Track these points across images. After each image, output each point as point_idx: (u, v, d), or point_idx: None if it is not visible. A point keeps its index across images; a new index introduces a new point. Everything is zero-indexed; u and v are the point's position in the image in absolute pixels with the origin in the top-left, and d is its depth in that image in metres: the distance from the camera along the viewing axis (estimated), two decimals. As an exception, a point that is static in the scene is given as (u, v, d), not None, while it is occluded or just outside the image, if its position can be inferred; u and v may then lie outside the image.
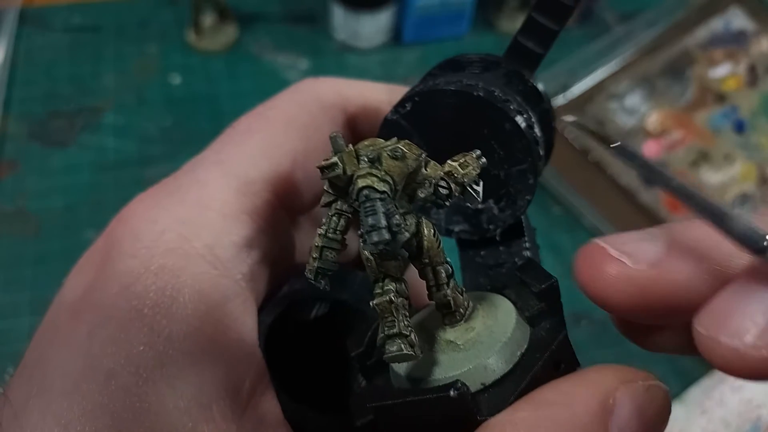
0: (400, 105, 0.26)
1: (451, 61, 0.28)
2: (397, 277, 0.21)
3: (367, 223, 0.19)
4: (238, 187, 0.26)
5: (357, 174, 0.20)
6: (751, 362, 0.16)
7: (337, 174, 0.20)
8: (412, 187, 0.21)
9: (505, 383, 0.21)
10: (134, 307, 0.23)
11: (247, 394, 0.24)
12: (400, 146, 0.20)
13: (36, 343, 0.24)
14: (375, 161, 0.20)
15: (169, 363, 0.22)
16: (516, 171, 0.26)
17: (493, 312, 0.23)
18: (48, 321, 0.25)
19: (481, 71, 0.27)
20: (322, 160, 0.20)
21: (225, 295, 0.25)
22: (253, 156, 0.27)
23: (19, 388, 0.23)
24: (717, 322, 0.17)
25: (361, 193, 0.19)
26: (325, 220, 0.21)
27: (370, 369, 0.24)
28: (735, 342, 0.17)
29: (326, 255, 0.21)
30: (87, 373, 0.22)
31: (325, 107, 0.29)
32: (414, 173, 0.20)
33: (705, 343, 0.17)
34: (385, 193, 0.19)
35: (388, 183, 0.20)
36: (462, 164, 0.22)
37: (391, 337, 0.20)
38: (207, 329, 0.23)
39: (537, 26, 0.26)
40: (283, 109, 0.29)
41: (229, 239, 0.25)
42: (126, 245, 0.25)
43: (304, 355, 0.31)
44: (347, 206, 0.21)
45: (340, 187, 0.20)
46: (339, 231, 0.21)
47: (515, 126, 0.25)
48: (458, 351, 0.22)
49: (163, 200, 0.26)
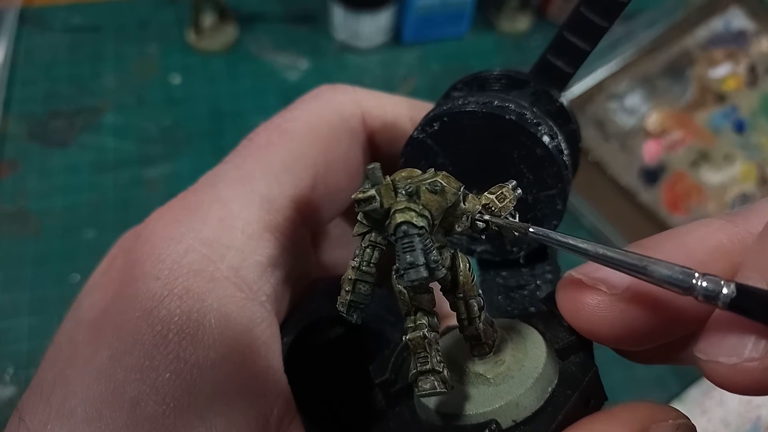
0: (428, 124, 0.25)
1: (477, 77, 0.27)
2: (429, 311, 0.20)
3: (405, 260, 0.18)
4: (261, 205, 0.25)
5: (395, 208, 0.19)
6: (752, 375, 0.17)
7: (374, 208, 0.19)
8: (449, 220, 0.20)
9: (536, 420, 0.20)
10: (159, 333, 0.22)
11: (275, 424, 0.23)
12: (439, 180, 0.19)
13: (52, 361, 0.23)
14: (413, 195, 0.19)
15: (197, 392, 0.22)
16: (544, 196, 0.25)
17: (522, 344, 0.22)
18: (64, 339, 0.24)
19: (508, 89, 0.26)
20: (359, 193, 0.19)
21: (251, 319, 0.24)
22: (276, 173, 0.26)
23: (35, 410, 0.22)
24: (714, 346, 0.18)
25: (399, 228, 0.19)
26: (357, 252, 0.21)
27: (394, 395, 0.24)
28: (733, 360, 0.17)
29: (359, 288, 0.21)
30: (111, 400, 0.21)
31: (345, 119, 0.29)
32: (452, 207, 0.20)
33: (707, 367, 0.18)
34: (424, 229, 0.19)
35: (426, 218, 0.19)
36: (499, 197, 0.21)
37: (424, 373, 0.20)
38: (235, 357, 0.23)
39: (568, 45, 0.26)
40: (303, 121, 0.28)
41: (254, 259, 0.25)
42: (148, 265, 0.24)
43: (322, 376, 0.30)
44: (381, 238, 0.20)
45: (375, 219, 0.20)
46: (373, 264, 0.21)
47: (547, 152, 0.24)
48: (488, 385, 0.21)
49: (184, 218, 0.25)
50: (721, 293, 0.17)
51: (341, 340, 0.30)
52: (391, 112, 0.30)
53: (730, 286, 0.17)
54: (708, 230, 0.19)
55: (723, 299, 0.17)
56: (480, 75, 0.27)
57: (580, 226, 0.76)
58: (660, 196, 0.78)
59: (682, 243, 0.19)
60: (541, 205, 0.25)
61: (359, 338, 0.29)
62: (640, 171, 0.79)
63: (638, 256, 0.18)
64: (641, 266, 0.18)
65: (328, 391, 0.30)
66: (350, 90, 0.30)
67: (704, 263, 0.19)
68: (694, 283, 0.17)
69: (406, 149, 0.26)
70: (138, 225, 0.27)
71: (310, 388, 0.27)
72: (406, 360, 0.24)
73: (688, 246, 0.19)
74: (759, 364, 0.17)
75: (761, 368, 0.17)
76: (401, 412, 0.23)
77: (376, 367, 0.24)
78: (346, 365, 0.30)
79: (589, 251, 0.19)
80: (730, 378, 0.17)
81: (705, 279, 0.17)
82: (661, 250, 0.19)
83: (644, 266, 0.18)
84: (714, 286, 0.17)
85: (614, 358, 0.24)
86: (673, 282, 0.17)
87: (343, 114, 0.29)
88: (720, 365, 0.17)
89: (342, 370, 0.30)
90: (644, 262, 0.18)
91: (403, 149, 0.26)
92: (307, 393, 0.26)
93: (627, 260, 0.18)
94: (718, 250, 0.19)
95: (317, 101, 0.29)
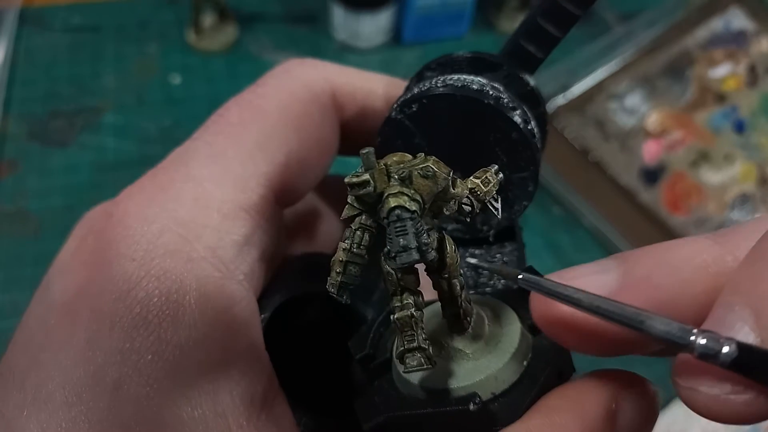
0: (406, 105, 0.26)
1: (450, 58, 0.28)
2: (414, 290, 0.21)
3: (397, 243, 0.19)
4: (235, 184, 0.26)
5: (388, 192, 0.20)
6: (734, 407, 0.16)
7: (368, 192, 0.20)
8: (438, 204, 0.21)
9: (513, 393, 0.21)
10: (138, 314, 0.22)
11: (260, 400, 0.23)
12: (431, 165, 0.20)
13: (22, 345, 0.23)
14: (405, 179, 0.20)
15: (181, 373, 0.21)
16: (517, 178, 0.26)
17: (497, 321, 0.23)
18: (34, 322, 0.24)
19: (481, 71, 0.27)
20: (353, 177, 0.20)
21: (231, 298, 0.24)
22: (249, 151, 0.26)
23: (7, 396, 0.22)
24: (695, 373, 0.17)
25: (392, 212, 0.19)
26: (348, 234, 0.21)
27: (373, 369, 0.24)
28: (715, 391, 0.17)
29: (350, 270, 0.21)
30: (91, 384, 0.21)
31: (316, 94, 0.29)
32: (442, 192, 0.20)
33: (685, 394, 0.17)
34: (416, 213, 0.19)
35: (418, 202, 0.20)
36: (484, 181, 0.22)
37: (411, 350, 0.20)
38: (216, 336, 0.23)
39: (540, 31, 0.26)
40: (274, 97, 0.28)
41: (231, 239, 0.25)
42: (122, 247, 0.23)
43: (301, 352, 0.30)
44: (372, 221, 0.21)
45: (367, 202, 0.20)
46: (363, 246, 0.21)
47: (521, 136, 0.25)
48: (468, 360, 0.22)
49: (157, 197, 0.25)
50: (720, 353, 0.16)
51: (317, 316, 0.30)
52: (360, 87, 0.30)
53: (731, 345, 0.16)
54: (694, 248, 0.19)
55: (723, 358, 0.16)
56: (453, 56, 0.28)
57: (580, 226, 0.76)
58: (660, 196, 0.78)
59: (668, 260, 0.19)
60: (513, 186, 0.26)
61: (334, 314, 0.30)
62: (640, 171, 0.79)
63: (635, 311, 0.17)
64: (638, 321, 0.17)
65: (307, 366, 0.30)
66: (320, 65, 0.30)
67: (688, 282, 0.18)
68: (692, 340, 0.16)
69: (383, 129, 0.26)
70: (105, 202, 0.26)
71: (289, 364, 0.27)
72: (383, 335, 0.25)
73: (673, 263, 0.19)
74: (741, 396, 0.16)
75: (743, 401, 0.16)
76: (380, 385, 0.24)
77: (355, 342, 0.25)
78: (323, 340, 0.30)
79: (583, 302, 0.18)
80: (710, 408, 0.17)
81: (704, 336, 0.16)
82: (646, 264, 0.19)
83: (641, 321, 0.17)
84: (713, 344, 0.16)
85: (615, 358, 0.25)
86: (670, 339, 0.17)
87: (314, 90, 0.29)
88: (701, 394, 0.17)
89: (319, 345, 0.31)
90: (641, 317, 0.17)
91: (380, 129, 0.26)
92: (286, 369, 0.26)
93: (623, 314, 0.17)
94: (704, 270, 0.18)
95: (287, 76, 0.29)
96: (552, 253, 0.72)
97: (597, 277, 0.19)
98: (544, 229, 0.75)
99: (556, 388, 0.21)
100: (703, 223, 0.77)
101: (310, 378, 0.29)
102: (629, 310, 0.17)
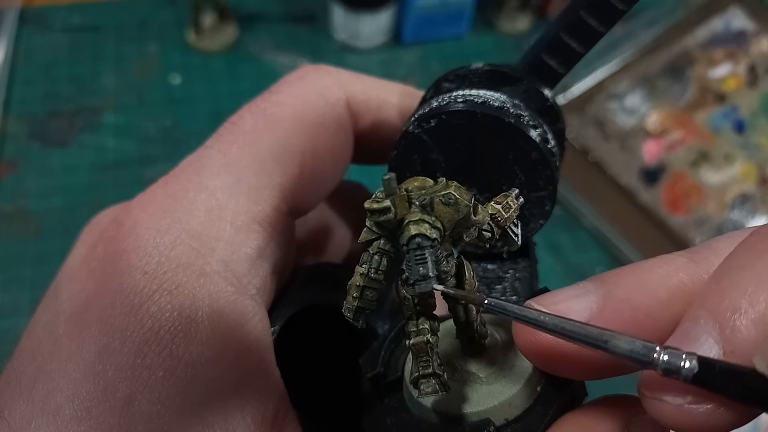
0: (424, 119, 0.25)
1: (469, 71, 0.27)
2: (430, 315, 0.21)
3: (416, 272, 0.19)
4: (249, 195, 0.25)
5: (409, 219, 0.19)
6: (698, 418, 0.17)
7: (388, 218, 0.19)
8: (458, 231, 0.21)
9: (526, 419, 0.21)
10: (150, 329, 0.21)
11: (271, 419, 0.23)
12: (453, 192, 0.20)
13: (29, 353, 0.23)
14: (427, 206, 0.19)
15: (193, 391, 0.21)
16: (535, 197, 0.26)
17: (511, 343, 0.23)
18: (42, 330, 0.23)
19: (500, 85, 0.26)
20: (373, 202, 0.19)
21: (243, 314, 0.23)
22: (263, 161, 0.26)
23: (15, 406, 0.21)
24: (659, 384, 0.17)
25: (413, 240, 0.19)
26: (365, 258, 0.21)
27: (383, 387, 0.24)
28: (678, 401, 0.17)
29: (367, 295, 0.21)
30: (101, 398, 0.21)
31: (330, 102, 0.28)
32: (463, 219, 0.20)
33: (650, 404, 0.17)
34: (436, 241, 0.19)
35: (438, 230, 0.19)
36: (504, 207, 0.22)
37: (426, 376, 0.20)
38: (228, 353, 0.22)
39: (563, 46, 0.26)
40: (289, 106, 0.27)
41: (244, 252, 0.24)
42: (133, 258, 0.23)
43: (310, 365, 0.30)
44: (390, 246, 0.21)
45: (386, 227, 0.20)
46: (381, 271, 0.21)
47: (541, 156, 0.24)
48: (481, 384, 0.22)
49: (169, 207, 0.24)
50: (682, 368, 0.16)
51: (327, 329, 0.30)
52: (375, 96, 0.30)
53: (692, 360, 0.16)
54: (670, 268, 0.19)
55: (685, 374, 0.16)
56: (471, 68, 0.27)
57: (580, 226, 0.76)
58: (660, 196, 0.78)
59: (645, 281, 0.19)
60: (530, 206, 0.26)
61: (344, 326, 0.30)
62: (640, 171, 0.79)
63: (599, 330, 0.17)
64: (602, 340, 0.17)
65: (316, 378, 0.30)
66: (334, 72, 0.29)
67: (666, 302, 0.18)
68: (655, 357, 0.17)
69: (400, 143, 0.26)
70: (115, 207, 0.26)
71: (299, 377, 0.27)
72: (395, 353, 0.25)
73: (650, 284, 0.19)
74: (703, 407, 0.17)
75: (705, 412, 0.17)
76: (391, 405, 0.24)
77: (366, 360, 0.25)
78: (333, 351, 0.30)
79: (548, 324, 0.18)
80: (674, 418, 0.17)
81: (666, 352, 0.17)
82: (624, 285, 0.19)
83: (605, 340, 0.17)
84: (675, 359, 0.16)
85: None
86: (633, 357, 0.17)
87: (328, 98, 0.28)
88: (665, 405, 0.17)
89: (329, 357, 0.30)
90: (605, 336, 0.17)
91: (396, 142, 0.26)
92: (295, 381, 0.26)
93: (588, 334, 0.18)
94: (680, 290, 0.19)
95: (301, 83, 0.28)
96: (552, 253, 0.72)
97: (577, 300, 0.19)
98: (544, 229, 0.74)
99: (568, 414, 0.20)
100: (702, 223, 0.77)
101: (318, 391, 0.29)
102: (593, 330, 0.18)
